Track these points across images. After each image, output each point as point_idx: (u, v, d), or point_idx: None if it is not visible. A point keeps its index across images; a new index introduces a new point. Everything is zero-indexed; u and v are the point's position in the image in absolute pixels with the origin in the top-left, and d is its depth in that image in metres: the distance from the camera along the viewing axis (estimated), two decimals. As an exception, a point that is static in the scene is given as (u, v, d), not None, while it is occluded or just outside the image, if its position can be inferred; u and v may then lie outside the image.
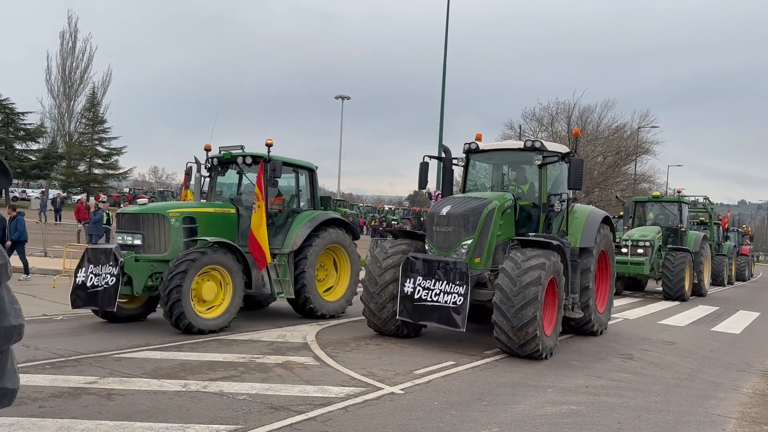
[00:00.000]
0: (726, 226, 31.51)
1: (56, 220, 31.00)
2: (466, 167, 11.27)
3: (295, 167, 11.65)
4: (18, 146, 50.98)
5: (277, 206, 11.29)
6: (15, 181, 55.94)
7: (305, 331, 10.10)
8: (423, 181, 11.03)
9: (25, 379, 6.40)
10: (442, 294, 8.75)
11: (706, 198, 27.12)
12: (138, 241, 9.65)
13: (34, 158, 50.84)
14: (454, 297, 8.64)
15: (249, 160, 10.75)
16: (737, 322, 15.00)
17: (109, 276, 9.24)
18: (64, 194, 48.67)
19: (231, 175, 11.77)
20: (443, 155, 11.28)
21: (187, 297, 9.09)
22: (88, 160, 54.44)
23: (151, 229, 9.75)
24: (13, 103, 49.34)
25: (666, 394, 7.55)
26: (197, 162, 11.62)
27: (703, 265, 21.48)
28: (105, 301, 9.24)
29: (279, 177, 10.54)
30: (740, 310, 17.72)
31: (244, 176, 11.46)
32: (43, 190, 48.40)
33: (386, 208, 76.04)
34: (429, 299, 8.86)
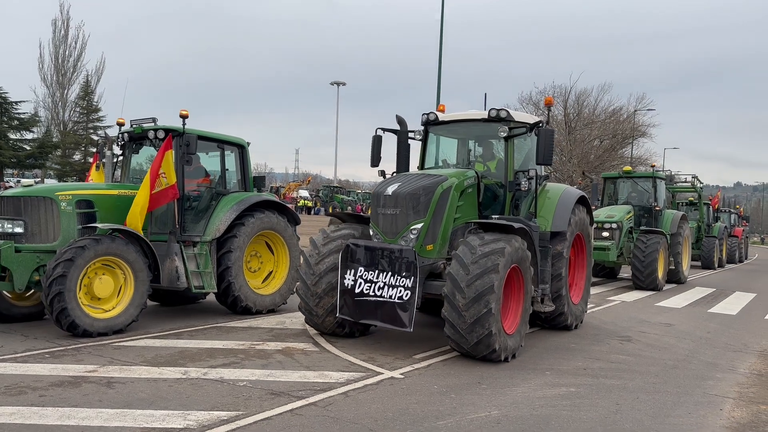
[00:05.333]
0: (716, 206, 30.45)
1: None
2: (424, 141, 9.75)
3: (221, 143, 10.26)
4: (12, 136, 50.63)
5: (197, 187, 9.99)
6: (10, 171, 55.71)
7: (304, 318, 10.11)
8: (375, 158, 9.59)
9: (24, 369, 6.42)
10: (386, 287, 7.53)
11: (695, 177, 25.31)
12: (19, 229, 8.26)
13: (28, 148, 50.56)
14: (400, 291, 7.43)
15: (162, 134, 9.39)
16: (734, 304, 15.08)
17: None
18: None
19: (148, 153, 10.25)
20: (398, 127, 9.72)
21: (73, 290, 7.71)
22: (83, 149, 54.16)
23: (37, 214, 8.37)
24: (6, 92, 48.95)
25: (664, 375, 7.59)
26: (108, 138, 10.18)
27: (681, 248, 19.06)
28: None
29: (194, 153, 9.28)
30: (736, 292, 17.80)
31: None
32: (19, 179, 48.12)
33: (383, 194, 76.03)
34: (372, 294, 7.62)
